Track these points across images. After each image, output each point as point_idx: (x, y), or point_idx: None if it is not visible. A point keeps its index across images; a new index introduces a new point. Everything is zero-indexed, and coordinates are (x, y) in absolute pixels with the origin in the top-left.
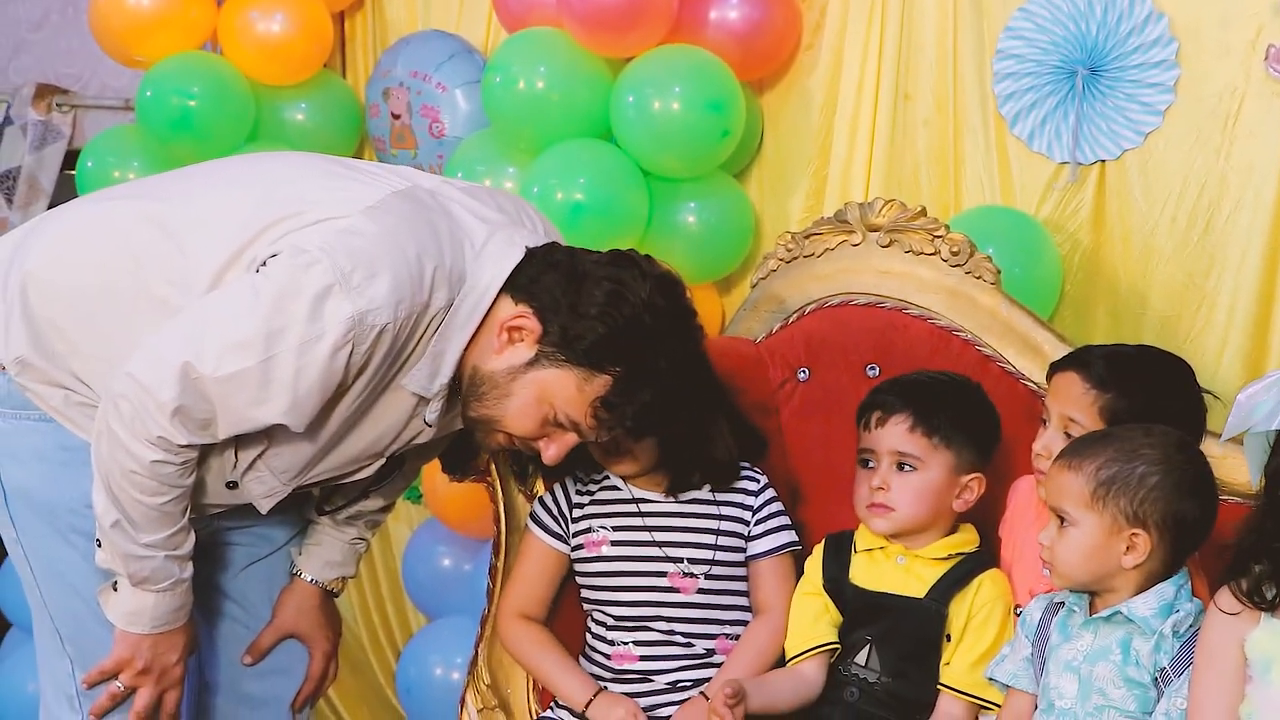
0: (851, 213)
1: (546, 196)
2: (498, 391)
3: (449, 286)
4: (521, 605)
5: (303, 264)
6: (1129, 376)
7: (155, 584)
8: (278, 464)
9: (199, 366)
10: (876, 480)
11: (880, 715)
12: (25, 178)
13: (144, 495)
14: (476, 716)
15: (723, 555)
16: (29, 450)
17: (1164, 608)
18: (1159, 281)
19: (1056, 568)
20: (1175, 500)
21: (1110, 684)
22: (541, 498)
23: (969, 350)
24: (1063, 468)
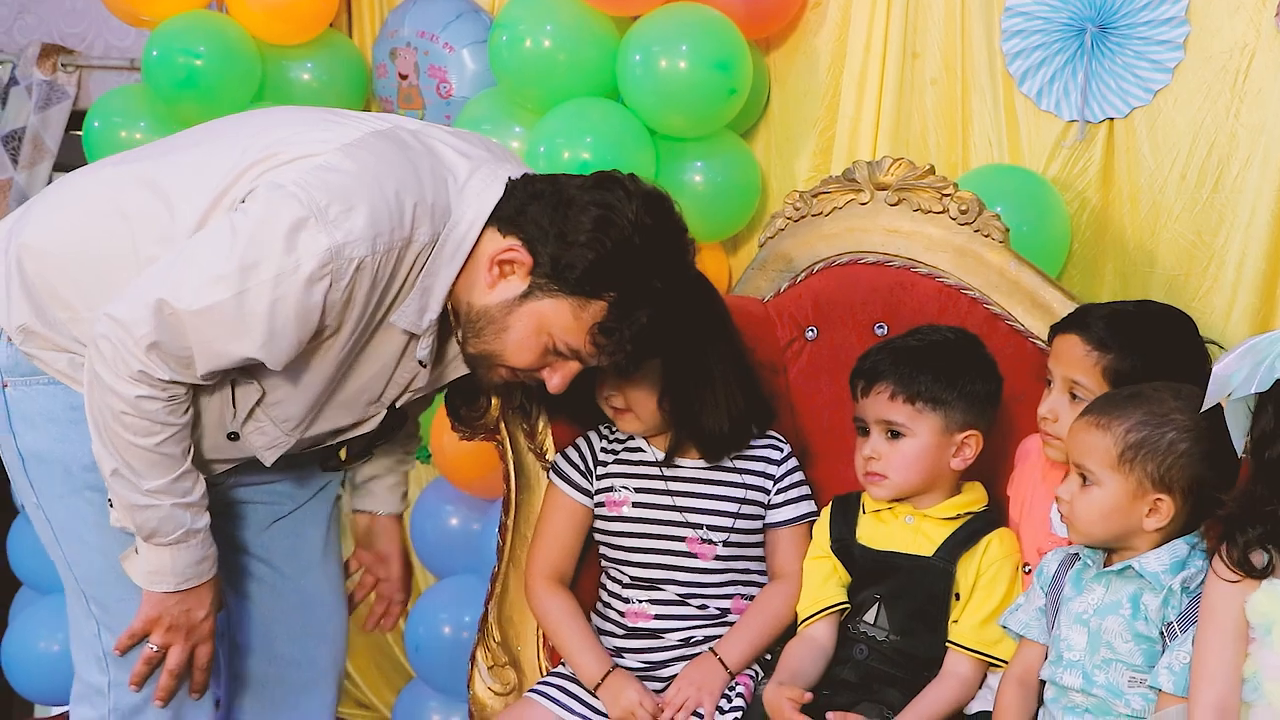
0: (860, 171)
1: (553, 155)
2: (495, 326)
3: (432, 221)
4: (550, 563)
5: (278, 199)
6: (1130, 336)
7: (166, 536)
8: (278, 413)
9: (174, 302)
10: (868, 449)
11: (889, 673)
12: (30, 138)
13: (136, 436)
14: (487, 674)
15: (742, 523)
16: (41, 413)
17: (1175, 564)
18: (1167, 239)
19: (1075, 524)
20: (1201, 466)
21: (1118, 638)
22: (565, 451)
23: (977, 308)
24: (1090, 425)
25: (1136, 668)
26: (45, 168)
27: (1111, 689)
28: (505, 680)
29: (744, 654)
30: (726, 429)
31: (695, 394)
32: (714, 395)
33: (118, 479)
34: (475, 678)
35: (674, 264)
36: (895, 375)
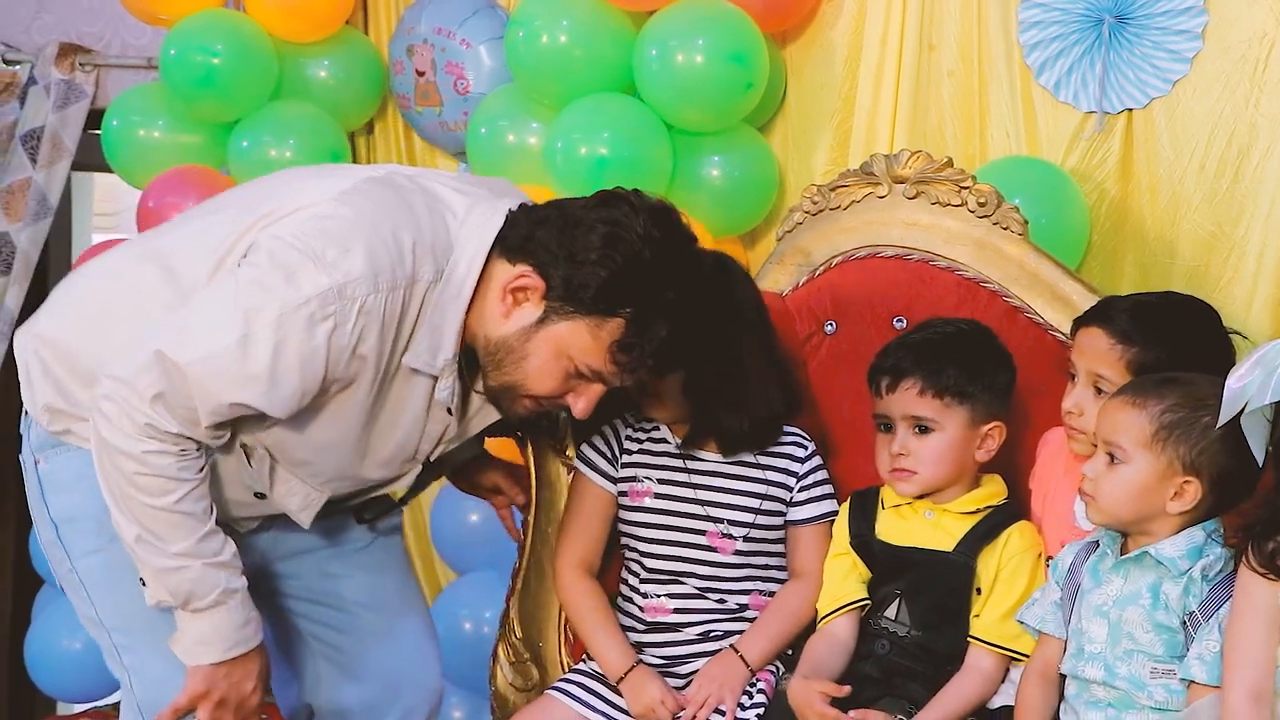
0: (878, 164)
1: (570, 151)
2: (514, 355)
3: (434, 258)
4: (578, 552)
5: (277, 248)
6: (1154, 328)
7: (203, 598)
8: (306, 471)
9: (175, 352)
10: (896, 445)
11: (911, 668)
12: (49, 137)
13: (152, 497)
14: (509, 669)
15: (763, 519)
16: (72, 475)
17: (1192, 551)
18: (1187, 231)
19: (1099, 502)
20: (1231, 455)
21: (1139, 628)
22: (592, 439)
23: (996, 301)
24: (1125, 404)
25: (1158, 658)
26: (63, 167)
27: (1134, 680)
28: (527, 675)
29: (765, 651)
30: (746, 427)
31: (720, 385)
32: (741, 389)
33: (142, 545)
34: (497, 673)
35: (686, 274)
36: (922, 371)
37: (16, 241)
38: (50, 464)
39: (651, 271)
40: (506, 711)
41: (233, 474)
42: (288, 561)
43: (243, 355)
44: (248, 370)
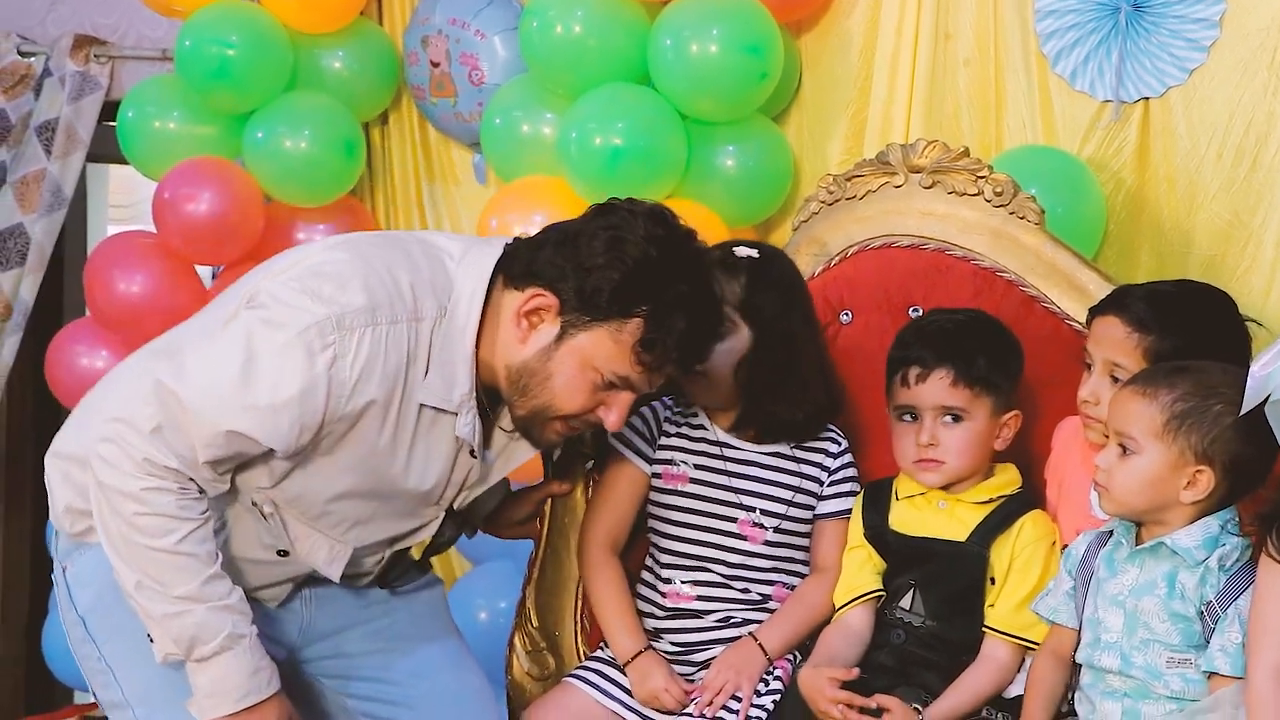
0: (894, 154)
1: (585, 141)
2: (538, 378)
3: (435, 295)
4: (607, 531)
5: (277, 289)
6: (1170, 316)
7: (208, 643)
8: (325, 523)
9: (176, 382)
10: (924, 436)
11: (927, 657)
12: (63, 128)
13: (153, 538)
14: (525, 658)
15: (795, 512)
16: (94, 568)
17: (1208, 540)
18: (1204, 220)
19: (1112, 493)
20: (1244, 443)
21: (1155, 618)
22: (631, 420)
23: (1013, 291)
24: (1135, 394)
25: (1175, 647)
26: (78, 158)
27: (1150, 670)
28: (543, 664)
29: (783, 641)
30: (798, 418)
31: (775, 374)
32: (795, 382)
33: (143, 591)
34: (513, 662)
35: (694, 267)
36: (954, 360)
37: (31, 232)
38: (75, 566)
39: (661, 267)
40: (523, 700)
41: (250, 535)
42: (327, 641)
43: (243, 385)
44: (246, 399)
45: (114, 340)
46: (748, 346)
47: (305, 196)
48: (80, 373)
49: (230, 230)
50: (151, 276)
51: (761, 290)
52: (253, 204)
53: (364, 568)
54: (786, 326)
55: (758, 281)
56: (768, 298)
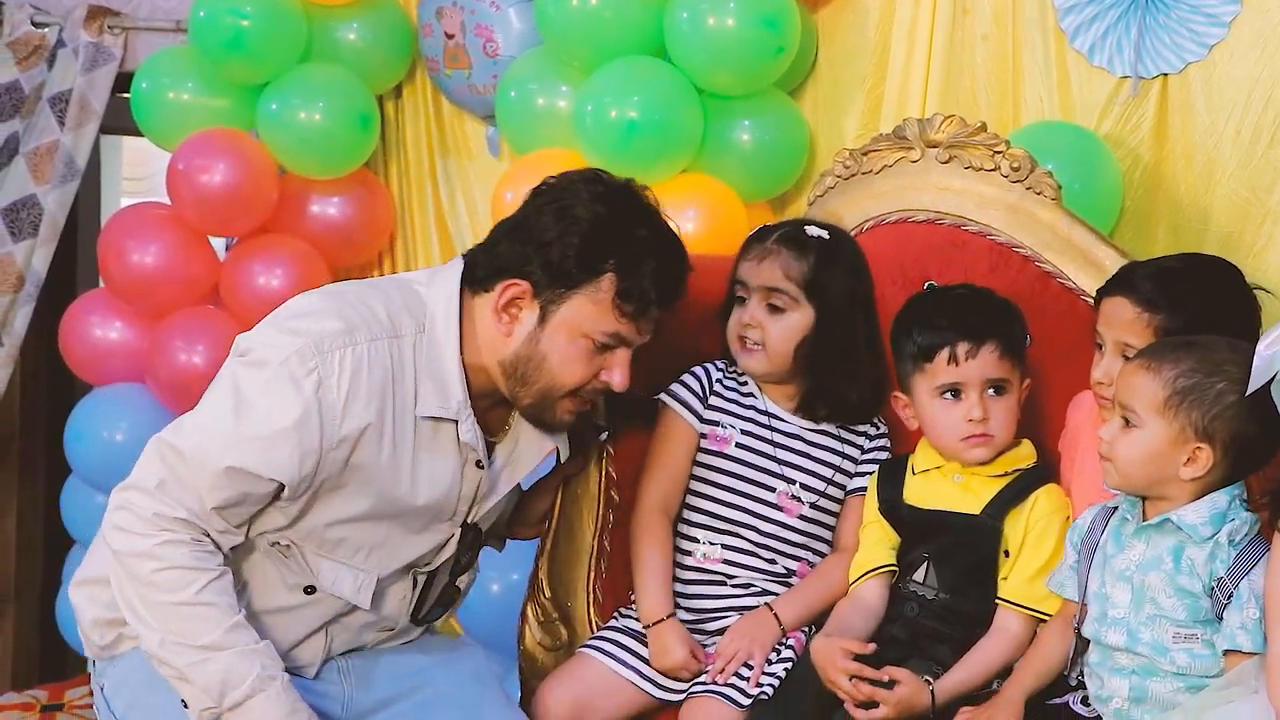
0: (910, 129)
1: (600, 114)
2: (533, 362)
3: (410, 314)
4: (663, 494)
5: (254, 336)
6: (1178, 292)
7: (238, 686)
8: (344, 552)
9: (175, 437)
10: (976, 411)
11: (939, 630)
12: (77, 99)
13: (173, 592)
14: (538, 629)
15: (832, 490)
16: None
17: (1215, 517)
18: (1221, 196)
19: (1115, 465)
20: (1246, 422)
21: (1162, 593)
22: (683, 378)
23: (1029, 267)
24: (1140, 368)
25: (1181, 623)
26: (91, 129)
27: (1157, 646)
28: (556, 635)
29: (799, 614)
30: (858, 399)
31: (836, 353)
32: (855, 363)
33: (167, 649)
34: (526, 633)
35: (643, 211)
36: (997, 333)
37: (44, 204)
38: (110, 680)
39: (614, 220)
40: (535, 670)
41: (275, 581)
42: (374, 718)
43: (236, 422)
44: (241, 434)
45: (127, 311)
46: (810, 325)
47: (319, 169)
48: (94, 344)
49: (244, 202)
50: (165, 248)
51: (828, 270)
52: (266, 176)
53: (393, 609)
54: (850, 308)
55: (825, 262)
56: (834, 278)
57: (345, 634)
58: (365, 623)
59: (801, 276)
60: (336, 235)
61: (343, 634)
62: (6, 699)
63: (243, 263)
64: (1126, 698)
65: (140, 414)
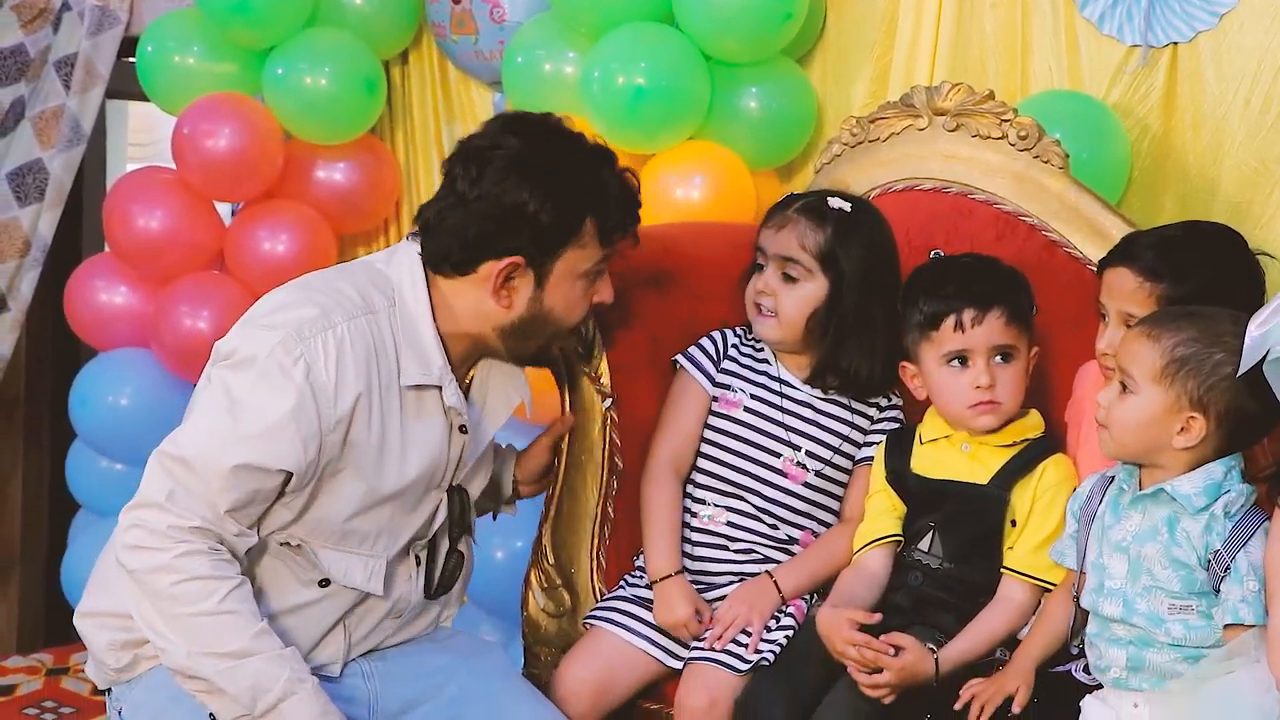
0: (918, 97)
1: (607, 81)
2: (537, 321)
3: (378, 289)
4: (673, 452)
5: (231, 338)
6: (1180, 261)
7: (269, 691)
8: (351, 543)
9: (175, 448)
10: (983, 378)
11: (943, 598)
12: (82, 63)
13: (196, 603)
14: (541, 595)
15: (839, 459)
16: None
17: (1210, 488)
18: (1230, 166)
19: (1110, 431)
20: (1243, 395)
21: (1157, 564)
22: (700, 341)
23: (1035, 235)
24: (1141, 335)
25: (1175, 594)
26: (97, 94)
27: (1152, 617)
28: (559, 602)
29: (799, 583)
30: (869, 375)
31: (847, 327)
32: (868, 338)
33: (195, 660)
34: (529, 599)
35: (574, 142)
36: (1004, 299)
37: (50, 168)
38: (128, 701)
39: (571, 170)
40: (538, 636)
41: (289, 579)
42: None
43: (233, 421)
44: (241, 432)
45: (132, 276)
46: (824, 296)
47: (325, 134)
48: (99, 309)
49: (249, 167)
50: (170, 212)
51: (845, 243)
52: (272, 141)
53: (404, 591)
54: (865, 283)
55: (843, 235)
56: (850, 252)
57: (363, 626)
58: (380, 611)
59: (817, 248)
60: (342, 201)
61: (360, 626)
62: (12, 663)
63: (248, 228)
64: (1124, 667)
65: (145, 379)
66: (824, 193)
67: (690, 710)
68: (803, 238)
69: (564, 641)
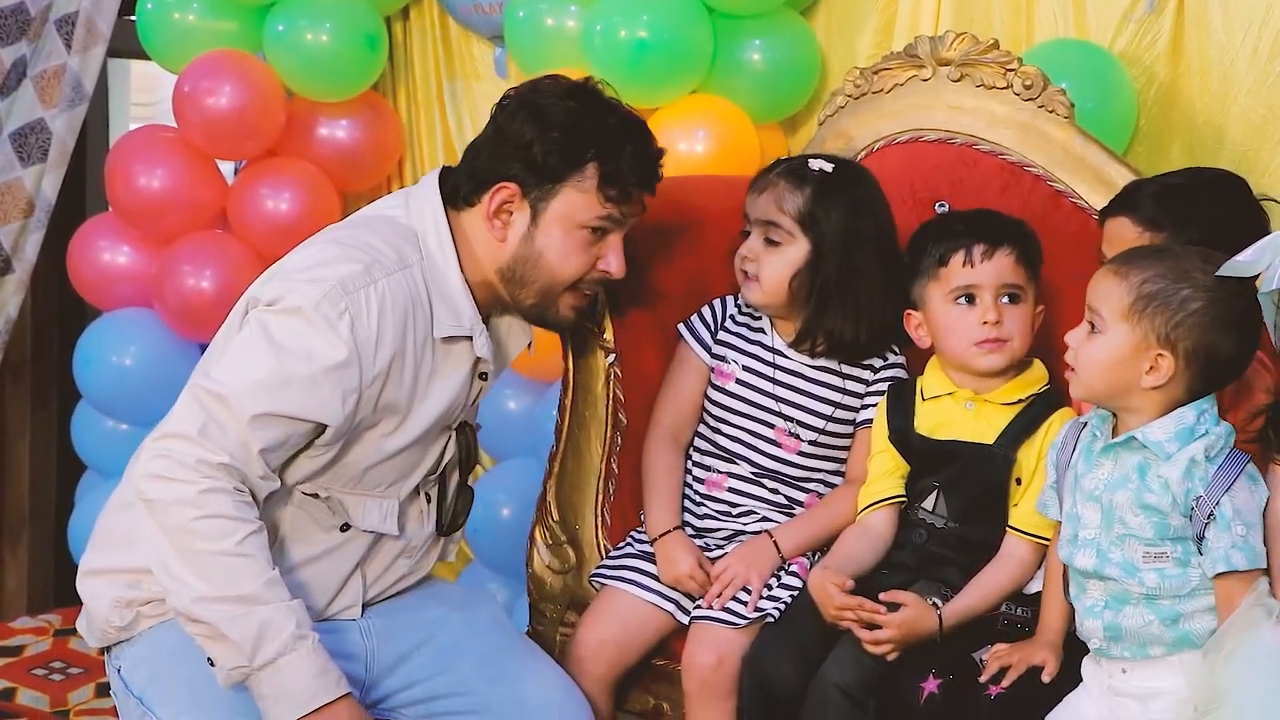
0: (922, 47)
1: (610, 34)
2: (530, 263)
3: (407, 243)
4: (672, 420)
5: (277, 291)
6: (1182, 210)
7: (272, 641)
8: (369, 483)
9: (214, 385)
10: (991, 314)
11: (947, 556)
12: (83, 21)
13: (215, 541)
14: (546, 552)
15: (834, 427)
16: (144, 652)
17: (1182, 433)
18: (1237, 114)
19: (1078, 374)
20: (1212, 332)
21: (1129, 511)
22: (700, 310)
23: (1040, 186)
24: (1109, 272)
25: (1149, 541)
26: (99, 52)
27: (1127, 566)
28: (564, 558)
29: (798, 543)
30: (859, 338)
31: (831, 289)
32: (852, 300)
33: (202, 605)
34: (534, 556)
35: (607, 101)
36: (1015, 240)
37: (52, 128)
38: (127, 659)
39: (587, 111)
40: (543, 593)
41: (310, 527)
42: (396, 674)
43: (278, 367)
44: (284, 379)
45: (135, 235)
46: (804, 258)
47: (326, 91)
48: (102, 268)
49: (251, 125)
50: (172, 171)
51: (825, 204)
52: (274, 98)
53: (415, 529)
54: (847, 244)
55: (823, 195)
56: (831, 213)
57: (378, 567)
58: (394, 551)
59: (796, 210)
60: (345, 159)
61: (375, 568)
62: (21, 623)
63: (250, 186)
64: (1103, 637)
65: (148, 339)
66: (808, 156)
67: (698, 668)
68: (781, 200)
69: (569, 598)
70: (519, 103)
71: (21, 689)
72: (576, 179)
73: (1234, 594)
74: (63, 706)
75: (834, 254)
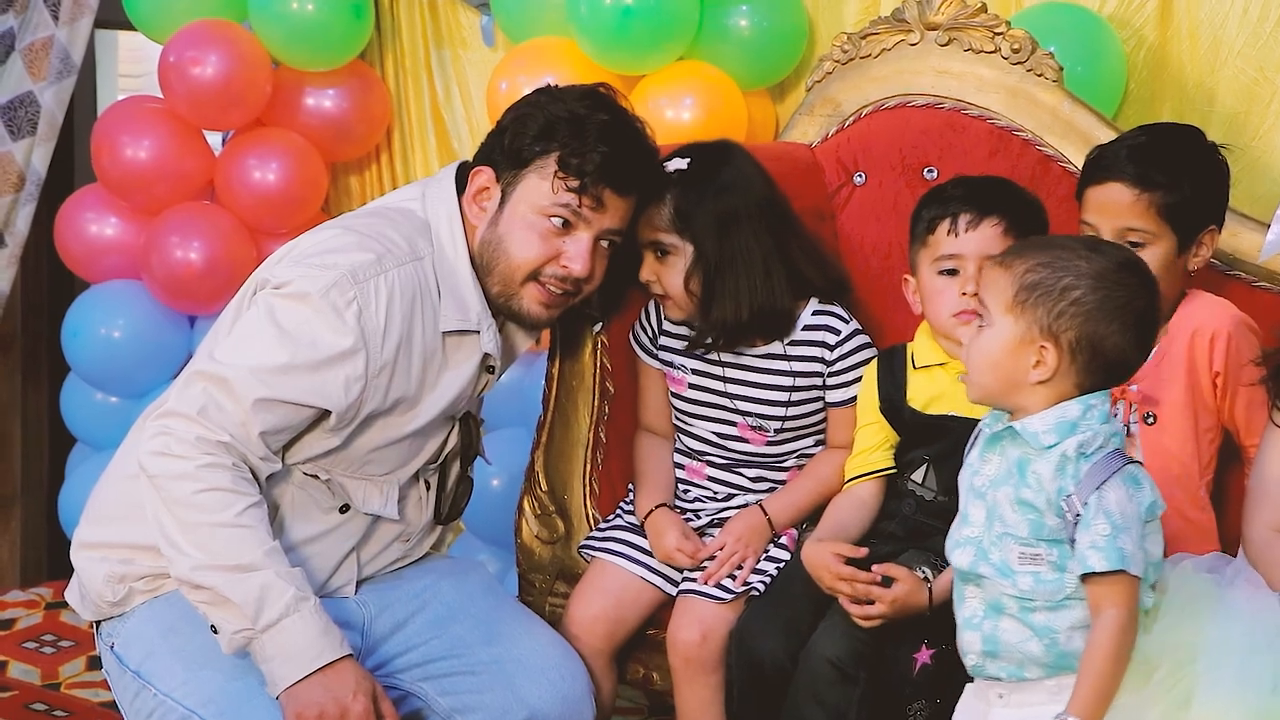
0: (909, 11)
1: (595, 2)
2: (492, 244)
3: (421, 236)
4: (650, 419)
5: (287, 274)
6: (1168, 166)
7: (274, 604)
8: (371, 469)
9: (217, 368)
10: (970, 285)
11: (936, 527)
12: None
13: (215, 513)
14: (534, 522)
15: (795, 410)
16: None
17: (1062, 426)
18: (1227, 77)
19: (970, 371)
20: (1097, 322)
21: (1008, 507)
22: (640, 317)
23: (1029, 150)
24: (995, 265)
25: (1024, 541)
26: (86, 23)
27: (1003, 568)
28: (553, 528)
29: (790, 513)
30: (744, 318)
31: (713, 280)
32: (734, 281)
33: (202, 573)
34: (523, 526)
35: (610, 103)
36: (1006, 210)
37: (41, 100)
38: (121, 635)
39: (558, 104)
40: (533, 563)
41: (311, 508)
42: (392, 640)
43: (281, 352)
44: (288, 365)
45: (123, 208)
46: (690, 259)
47: (313, 60)
48: (89, 240)
49: (237, 95)
50: (159, 141)
51: (690, 199)
52: (260, 68)
53: (413, 515)
54: (721, 227)
55: (686, 191)
56: (695, 206)
57: (374, 549)
58: (391, 534)
59: (668, 219)
60: (332, 128)
61: (371, 549)
62: (12, 596)
63: (238, 157)
64: (980, 652)
65: (137, 310)
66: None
67: (683, 644)
68: (653, 217)
69: (558, 568)
70: (522, 99)
71: (13, 662)
72: (540, 165)
73: (1100, 601)
74: (54, 680)
75: (711, 242)
